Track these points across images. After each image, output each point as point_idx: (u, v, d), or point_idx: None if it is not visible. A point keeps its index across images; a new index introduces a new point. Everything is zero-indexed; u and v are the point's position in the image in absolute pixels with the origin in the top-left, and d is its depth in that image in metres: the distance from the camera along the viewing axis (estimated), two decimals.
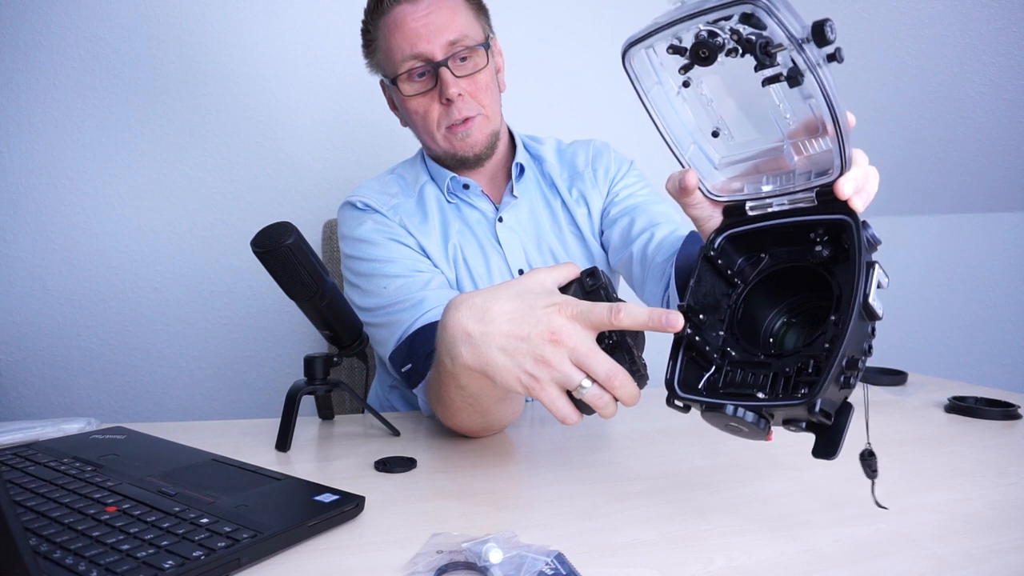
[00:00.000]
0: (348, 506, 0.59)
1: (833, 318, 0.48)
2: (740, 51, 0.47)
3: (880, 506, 0.56)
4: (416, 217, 1.07)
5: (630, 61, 0.56)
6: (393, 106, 1.11)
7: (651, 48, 0.54)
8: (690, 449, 0.79)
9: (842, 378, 0.46)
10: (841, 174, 0.51)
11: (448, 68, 0.98)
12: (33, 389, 1.50)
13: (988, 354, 2.12)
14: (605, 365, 0.56)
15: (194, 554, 0.48)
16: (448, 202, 1.09)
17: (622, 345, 0.58)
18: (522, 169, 1.12)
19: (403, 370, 0.90)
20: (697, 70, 0.51)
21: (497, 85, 1.08)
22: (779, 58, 0.45)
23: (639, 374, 0.57)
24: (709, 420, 0.54)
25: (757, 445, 0.82)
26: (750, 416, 0.49)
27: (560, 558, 0.51)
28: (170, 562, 0.47)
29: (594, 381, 0.57)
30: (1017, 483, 0.69)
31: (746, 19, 0.44)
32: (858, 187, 0.51)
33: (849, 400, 0.49)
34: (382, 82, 1.08)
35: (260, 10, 1.57)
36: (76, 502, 0.57)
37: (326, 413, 0.93)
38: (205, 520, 0.53)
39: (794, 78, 0.46)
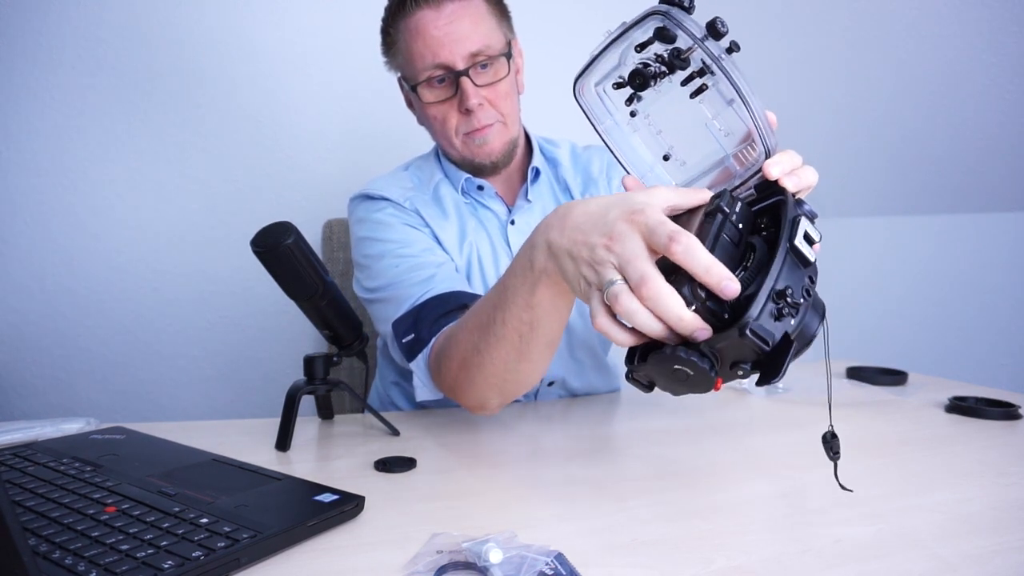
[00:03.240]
0: (348, 506, 0.59)
1: None
2: (667, 71, 0.54)
3: (844, 488, 0.57)
4: (432, 209, 1.08)
5: (582, 99, 0.60)
6: (410, 104, 1.11)
7: (600, 86, 0.59)
8: (690, 449, 0.79)
9: (775, 308, 0.48)
10: (767, 158, 0.54)
11: (469, 78, 0.98)
12: (32, 389, 1.50)
13: (988, 354, 2.12)
14: (640, 270, 0.49)
15: (193, 554, 0.48)
16: (464, 202, 1.10)
17: (679, 269, 0.49)
18: (537, 173, 1.12)
19: (404, 340, 0.90)
20: (642, 102, 0.58)
21: (517, 90, 1.07)
22: (693, 64, 0.52)
23: (701, 305, 0.48)
24: (657, 377, 0.53)
25: (756, 446, 0.82)
26: (684, 352, 0.48)
27: (560, 558, 0.50)
28: (169, 562, 0.46)
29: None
30: (1018, 483, 0.69)
31: (661, 36, 0.52)
32: (785, 169, 0.54)
33: (792, 337, 0.49)
34: (400, 79, 1.08)
35: (260, 10, 1.57)
36: (75, 502, 0.57)
37: (326, 413, 0.93)
38: (205, 520, 0.53)
39: (703, 71, 0.52)
